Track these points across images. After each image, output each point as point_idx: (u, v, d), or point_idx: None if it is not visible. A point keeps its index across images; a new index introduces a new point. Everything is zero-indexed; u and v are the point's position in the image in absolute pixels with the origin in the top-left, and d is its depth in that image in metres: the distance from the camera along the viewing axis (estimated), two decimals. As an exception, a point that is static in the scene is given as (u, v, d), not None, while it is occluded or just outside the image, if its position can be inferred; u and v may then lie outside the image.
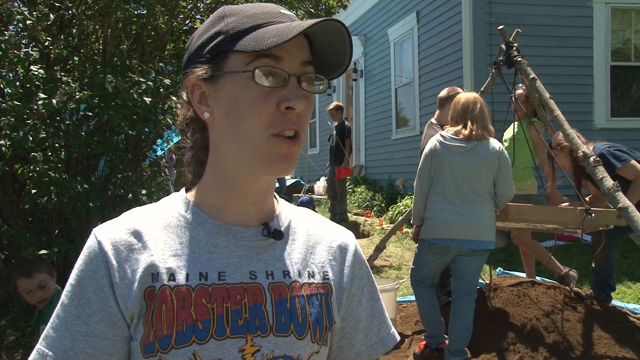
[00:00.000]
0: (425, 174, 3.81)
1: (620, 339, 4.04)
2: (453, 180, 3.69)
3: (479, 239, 3.66)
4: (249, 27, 0.86)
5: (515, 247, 7.01)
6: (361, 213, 10.32)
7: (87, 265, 0.88)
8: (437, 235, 3.71)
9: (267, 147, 0.86)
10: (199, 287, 0.87)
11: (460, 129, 3.74)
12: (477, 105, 3.75)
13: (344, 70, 0.91)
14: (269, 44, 0.82)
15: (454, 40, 8.74)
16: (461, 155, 3.69)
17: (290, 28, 0.83)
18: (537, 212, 4.09)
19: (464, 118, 3.75)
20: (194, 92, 0.92)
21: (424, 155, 3.85)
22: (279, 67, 0.85)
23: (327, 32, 0.86)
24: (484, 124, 3.75)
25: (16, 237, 4.62)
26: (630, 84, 8.77)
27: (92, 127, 5.08)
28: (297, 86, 0.86)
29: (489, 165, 3.67)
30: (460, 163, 3.68)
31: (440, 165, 3.74)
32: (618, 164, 4.27)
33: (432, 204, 3.76)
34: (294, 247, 0.97)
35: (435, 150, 3.77)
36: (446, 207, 3.68)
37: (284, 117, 0.86)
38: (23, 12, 4.45)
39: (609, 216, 4.02)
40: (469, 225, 3.63)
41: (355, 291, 1.02)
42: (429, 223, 3.77)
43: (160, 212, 0.95)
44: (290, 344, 0.90)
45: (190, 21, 5.92)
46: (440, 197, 3.72)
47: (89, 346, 0.85)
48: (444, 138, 3.78)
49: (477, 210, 3.65)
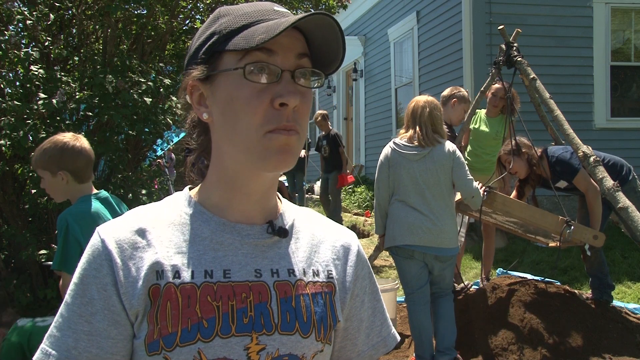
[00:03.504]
0: (384, 183, 3.78)
1: (620, 339, 4.04)
2: (414, 187, 3.67)
3: (441, 245, 3.66)
4: (240, 26, 0.86)
5: (515, 247, 7.03)
6: (361, 213, 10.33)
7: (90, 264, 0.88)
8: (400, 242, 3.68)
9: (264, 143, 0.86)
10: (204, 284, 0.87)
11: (412, 134, 3.72)
12: (425, 109, 3.70)
13: (339, 64, 0.91)
14: (257, 41, 0.82)
15: (454, 40, 8.74)
16: (417, 162, 3.67)
17: (279, 24, 0.83)
18: (520, 208, 4.11)
19: (413, 123, 3.74)
20: (193, 94, 0.92)
21: (380, 164, 3.81)
22: (271, 62, 0.85)
23: (319, 27, 0.86)
24: (435, 127, 3.72)
25: (16, 237, 4.62)
26: (630, 84, 8.78)
27: (92, 127, 5.07)
28: (290, 81, 0.86)
29: (444, 169, 3.66)
30: (417, 169, 3.66)
31: (398, 173, 3.71)
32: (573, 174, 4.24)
33: (395, 210, 3.72)
34: (299, 246, 0.97)
35: (391, 158, 3.75)
36: (409, 213, 3.66)
37: (278, 114, 0.85)
38: (23, 12, 4.45)
39: (586, 233, 4.05)
40: (433, 232, 3.62)
41: (358, 291, 1.02)
42: (392, 229, 3.72)
43: (164, 210, 0.95)
44: (295, 343, 0.90)
45: (190, 21, 5.92)
46: (402, 204, 3.70)
47: (92, 345, 0.85)
48: (397, 146, 3.75)
49: (439, 218, 3.64)
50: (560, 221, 4.01)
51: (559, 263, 5.65)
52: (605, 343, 3.97)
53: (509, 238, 7.12)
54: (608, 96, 8.44)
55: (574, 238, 4.05)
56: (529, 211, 4.12)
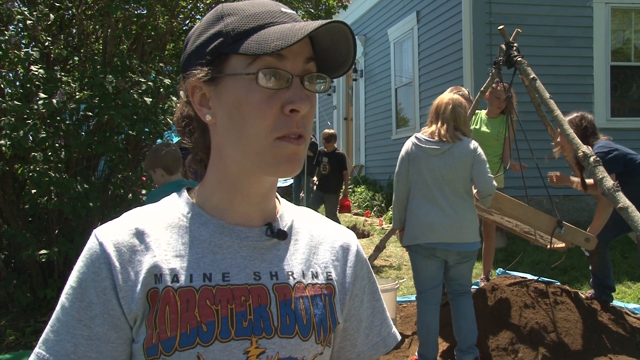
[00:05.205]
0: (403, 176, 3.80)
1: (620, 339, 4.05)
2: (433, 182, 3.67)
3: (464, 240, 3.65)
4: (250, 29, 0.84)
5: (515, 247, 7.02)
6: (361, 213, 10.33)
7: (88, 267, 0.86)
8: (422, 240, 3.67)
9: (273, 150, 0.85)
10: (203, 288, 0.86)
11: (434, 130, 3.74)
12: (448, 106, 3.72)
13: (346, 70, 0.90)
14: (272, 47, 0.80)
15: (454, 40, 8.74)
16: (437, 157, 3.68)
17: (294, 30, 0.81)
18: (512, 206, 4.10)
19: (436, 119, 3.76)
20: (194, 94, 0.90)
21: (400, 158, 3.83)
22: (281, 68, 0.83)
23: (330, 33, 0.85)
24: (457, 125, 3.73)
25: (16, 237, 4.62)
26: (630, 84, 8.77)
27: (92, 127, 5.07)
28: (300, 87, 0.85)
29: (463, 166, 3.66)
30: (437, 165, 3.67)
31: (417, 168, 3.72)
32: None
33: (414, 208, 3.73)
34: (297, 248, 0.97)
35: (411, 153, 3.77)
36: (429, 210, 3.66)
37: (288, 120, 0.85)
38: (23, 12, 4.45)
39: (578, 235, 4.04)
40: (454, 228, 3.62)
41: (358, 291, 1.02)
42: (413, 227, 3.72)
43: (161, 212, 0.93)
44: (295, 346, 0.89)
45: (190, 21, 5.92)
46: (422, 200, 3.71)
47: (91, 350, 0.84)
48: (418, 140, 3.76)
49: (459, 212, 3.64)
50: (552, 221, 4.00)
51: (560, 263, 5.64)
52: (605, 343, 3.97)
53: (509, 238, 7.11)
54: (608, 96, 8.44)
55: (565, 239, 4.04)
56: (521, 209, 4.11)
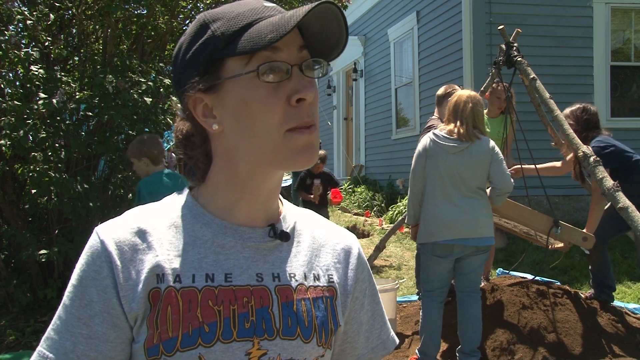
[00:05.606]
0: (419, 172, 3.79)
1: (620, 339, 4.05)
2: (450, 179, 3.68)
3: (480, 235, 3.66)
4: (239, 29, 0.84)
5: (515, 247, 7.03)
6: (361, 213, 10.33)
7: (89, 266, 0.86)
8: (439, 238, 3.67)
9: (287, 144, 0.85)
10: (206, 288, 0.86)
11: (452, 128, 3.74)
12: (468, 105, 3.72)
13: (340, 51, 0.89)
14: (268, 40, 0.80)
15: (454, 40, 8.74)
16: (455, 155, 3.68)
17: (285, 20, 0.81)
18: (508, 207, 4.10)
19: (455, 118, 3.76)
20: (196, 107, 0.89)
21: (417, 154, 3.83)
22: (278, 60, 0.83)
23: (319, 16, 0.84)
24: (475, 123, 3.73)
25: (16, 237, 4.62)
26: (630, 84, 8.77)
27: (92, 127, 5.08)
28: (301, 75, 0.85)
29: (481, 164, 3.67)
30: (454, 162, 3.67)
31: (435, 164, 3.72)
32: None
33: (430, 206, 3.72)
34: (300, 250, 0.96)
35: (429, 149, 3.76)
36: (446, 208, 3.66)
37: (297, 111, 0.84)
38: (23, 12, 4.45)
39: (575, 235, 4.04)
40: (470, 223, 3.63)
41: (359, 294, 1.02)
42: (430, 225, 3.72)
43: (164, 211, 0.93)
44: (296, 348, 0.89)
45: (190, 21, 5.92)
46: (438, 197, 3.71)
47: (90, 349, 0.84)
48: (437, 137, 3.76)
49: (475, 208, 3.65)
50: (548, 221, 4.00)
51: (560, 263, 5.64)
52: (605, 343, 3.97)
53: (509, 238, 7.11)
54: (608, 96, 8.43)
55: (562, 239, 4.04)
56: (518, 209, 4.11)
